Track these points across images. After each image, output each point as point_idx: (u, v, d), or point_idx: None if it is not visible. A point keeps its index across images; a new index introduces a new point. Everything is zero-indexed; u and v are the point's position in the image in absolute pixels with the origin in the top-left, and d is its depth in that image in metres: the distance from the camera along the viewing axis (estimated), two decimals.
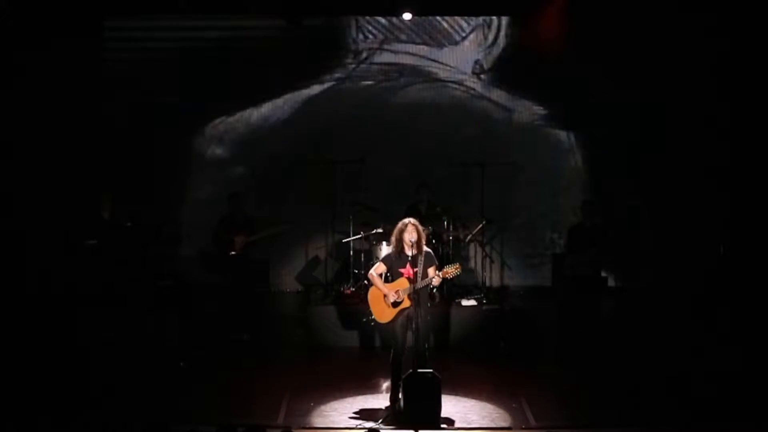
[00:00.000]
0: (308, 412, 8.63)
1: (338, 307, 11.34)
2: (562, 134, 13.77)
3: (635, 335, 11.72)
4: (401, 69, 13.80)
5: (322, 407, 8.76)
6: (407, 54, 13.92)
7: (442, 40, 13.80)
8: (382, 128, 13.80)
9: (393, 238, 8.73)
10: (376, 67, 13.86)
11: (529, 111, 13.76)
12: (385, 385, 9.21)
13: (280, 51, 13.79)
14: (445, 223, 12.13)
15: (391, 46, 13.78)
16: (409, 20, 13.46)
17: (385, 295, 8.64)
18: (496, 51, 13.71)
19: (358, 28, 13.85)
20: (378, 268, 8.77)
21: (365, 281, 10.79)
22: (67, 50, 13.06)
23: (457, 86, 13.86)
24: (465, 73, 13.74)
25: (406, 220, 8.69)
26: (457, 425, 8.33)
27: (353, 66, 13.86)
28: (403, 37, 13.81)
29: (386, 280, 8.76)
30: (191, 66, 13.97)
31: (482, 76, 13.71)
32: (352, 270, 12.17)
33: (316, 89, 13.93)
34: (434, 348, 10.31)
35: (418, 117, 13.84)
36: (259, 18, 13.51)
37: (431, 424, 8.12)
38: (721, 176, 12.43)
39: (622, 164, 13.26)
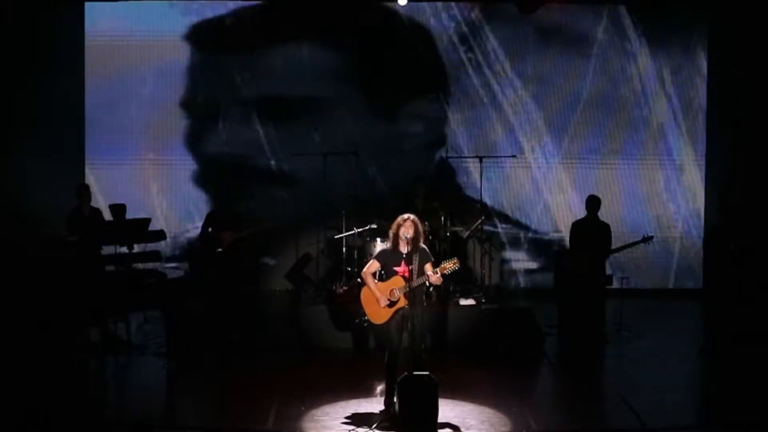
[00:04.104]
0: (299, 416, 8.61)
1: (330, 306, 11.32)
2: None
3: (638, 336, 11.77)
4: None
5: (314, 411, 8.74)
6: None
7: None
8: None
9: (390, 233, 8.72)
10: None
11: None
12: (380, 388, 9.20)
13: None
14: (443, 218, 12.11)
15: None
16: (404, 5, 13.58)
17: (377, 298, 8.61)
18: None
19: None
20: (371, 267, 8.74)
21: (358, 279, 10.78)
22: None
23: None
24: None
25: (406, 215, 8.65)
26: (455, 430, 8.33)
27: None
28: None
29: (380, 278, 8.74)
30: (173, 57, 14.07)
31: None
32: (345, 268, 12.15)
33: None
34: (431, 349, 10.31)
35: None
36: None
37: (428, 429, 8.10)
38: None
39: None
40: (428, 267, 8.59)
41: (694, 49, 14.28)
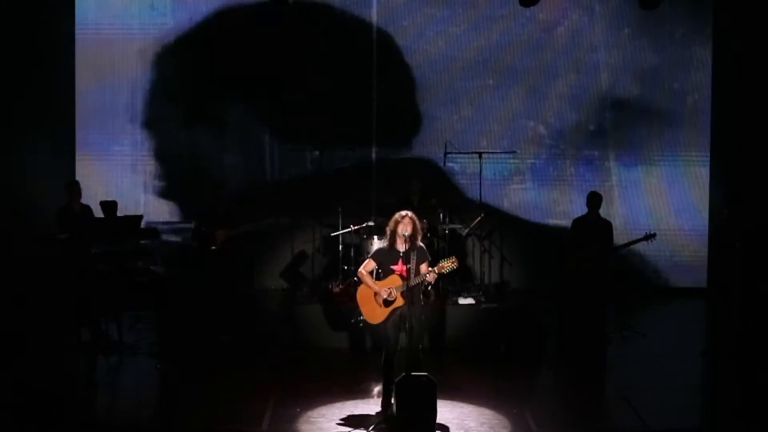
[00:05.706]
0: (294, 418, 8.59)
1: (326, 306, 11.30)
2: None
3: (641, 337, 11.76)
4: None
5: (309, 413, 8.72)
6: None
7: None
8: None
9: (387, 230, 8.69)
10: None
11: None
12: (377, 389, 9.19)
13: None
14: (440, 215, 12.10)
15: None
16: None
17: (375, 294, 8.59)
18: None
19: None
20: (368, 265, 8.72)
21: (355, 278, 10.78)
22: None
23: None
24: None
25: (404, 212, 8.61)
26: None
27: None
28: None
29: (377, 277, 8.71)
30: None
31: None
32: (342, 266, 12.13)
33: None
34: (429, 349, 10.30)
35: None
36: None
37: (426, 430, 8.10)
38: None
39: None
40: (423, 267, 8.55)
41: (698, 43, 14.26)
